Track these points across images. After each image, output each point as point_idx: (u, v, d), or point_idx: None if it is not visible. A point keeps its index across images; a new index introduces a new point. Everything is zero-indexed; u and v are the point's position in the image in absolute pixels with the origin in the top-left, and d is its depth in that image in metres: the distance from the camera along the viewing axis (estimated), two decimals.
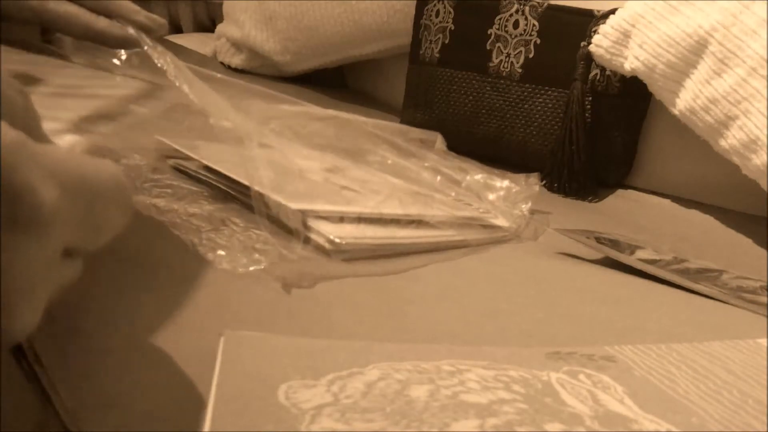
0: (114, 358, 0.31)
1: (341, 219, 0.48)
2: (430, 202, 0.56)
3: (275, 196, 0.45)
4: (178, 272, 0.40)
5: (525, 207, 0.60)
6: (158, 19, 0.48)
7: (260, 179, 0.44)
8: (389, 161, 0.62)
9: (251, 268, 0.41)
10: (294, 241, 0.44)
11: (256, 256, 0.42)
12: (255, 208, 0.44)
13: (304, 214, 0.46)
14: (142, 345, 0.32)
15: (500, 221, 0.57)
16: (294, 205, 0.45)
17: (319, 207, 0.48)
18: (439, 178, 0.63)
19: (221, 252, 0.42)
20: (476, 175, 0.64)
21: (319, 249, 0.45)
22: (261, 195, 0.44)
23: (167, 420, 0.27)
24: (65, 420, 0.26)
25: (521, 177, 0.65)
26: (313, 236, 0.45)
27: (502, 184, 0.63)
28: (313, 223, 0.46)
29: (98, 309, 0.35)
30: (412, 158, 0.65)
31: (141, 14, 0.47)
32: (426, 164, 0.65)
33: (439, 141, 0.75)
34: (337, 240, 0.45)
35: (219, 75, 0.49)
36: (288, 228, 0.45)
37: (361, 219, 0.49)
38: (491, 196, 0.60)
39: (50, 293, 0.23)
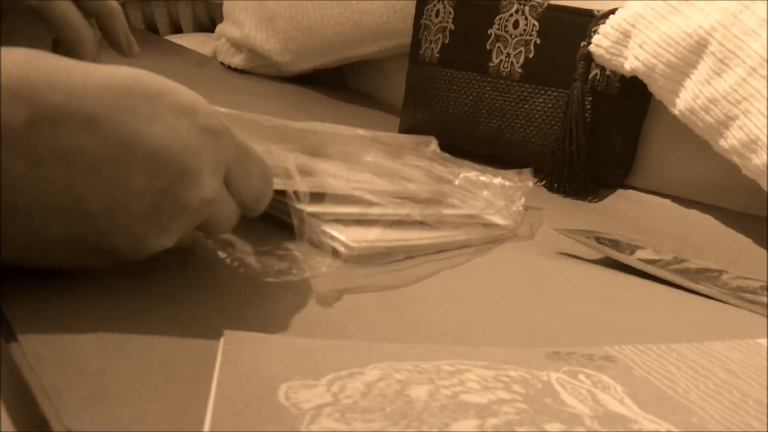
0: (113, 358, 0.31)
1: (355, 222, 0.48)
2: (437, 203, 0.56)
3: (310, 208, 0.45)
4: (178, 273, 0.40)
5: (519, 203, 0.60)
6: (135, 48, 0.50)
7: (301, 196, 0.45)
8: (381, 163, 0.62)
9: (282, 279, 0.41)
10: (321, 254, 0.45)
11: (284, 266, 0.42)
12: (296, 227, 0.44)
13: (318, 216, 0.46)
14: (142, 345, 0.32)
15: (498, 219, 0.57)
16: (309, 209, 0.45)
17: (335, 210, 0.48)
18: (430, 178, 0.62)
19: (249, 258, 0.42)
20: (469, 172, 0.63)
21: (334, 253, 0.45)
22: (300, 212, 0.45)
23: (167, 420, 0.27)
24: (65, 420, 0.26)
25: (514, 173, 0.65)
26: (327, 241, 0.45)
27: (495, 180, 0.63)
28: (329, 228, 0.46)
29: (98, 309, 0.34)
30: (404, 159, 0.65)
31: (124, 34, 0.49)
32: (417, 164, 0.65)
33: (433, 144, 0.74)
34: (353, 245, 0.45)
35: None
36: (313, 239, 0.45)
37: (373, 222, 0.49)
38: (485, 193, 0.59)
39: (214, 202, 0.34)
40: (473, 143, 0.87)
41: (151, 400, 0.28)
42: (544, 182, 0.80)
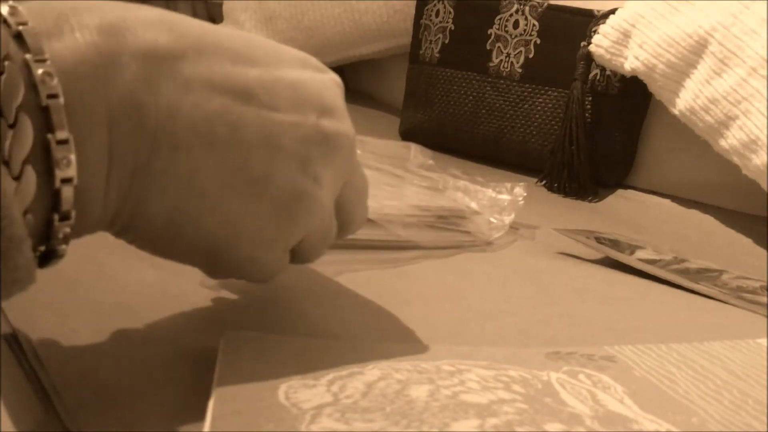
0: (113, 358, 0.31)
1: None
2: (398, 194, 0.54)
3: None
4: (178, 272, 0.40)
5: (507, 218, 0.57)
6: None
7: None
8: (372, 168, 0.60)
9: None
10: None
11: None
12: None
13: None
14: (142, 345, 0.32)
15: (471, 226, 0.55)
16: None
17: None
18: (424, 184, 0.61)
19: None
20: (458, 182, 0.61)
21: None
22: None
23: (167, 420, 0.27)
24: (65, 420, 0.26)
25: (505, 186, 0.62)
26: None
27: (485, 192, 0.61)
28: None
29: (98, 309, 0.35)
30: (393, 164, 0.64)
31: None
32: (408, 171, 0.64)
33: (413, 149, 0.72)
34: None
35: None
36: None
37: None
38: (473, 204, 0.58)
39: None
40: (473, 143, 0.87)
41: (151, 400, 0.28)
42: (544, 182, 0.80)
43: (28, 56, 0.23)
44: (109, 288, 0.37)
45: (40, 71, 0.23)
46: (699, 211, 0.75)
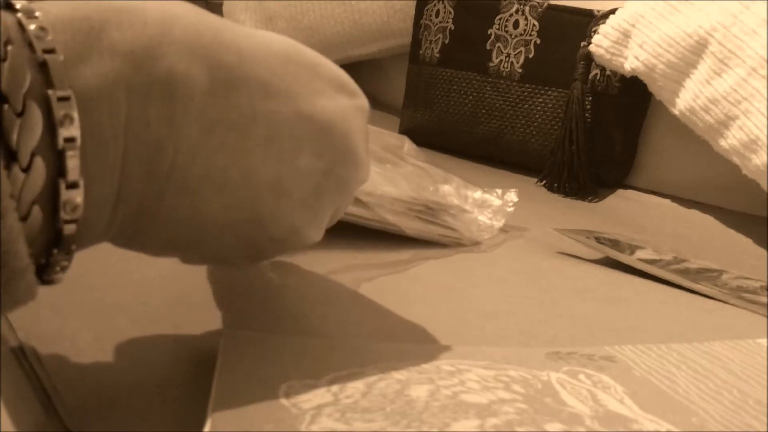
0: (113, 359, 0.31)
1: None
2: (392, 182, 0.54)
3: None
4: (178, 272, 0.40)
5: (497, 223, 0.57)
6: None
7: None
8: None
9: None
10: None
11: None
12: None
13: None
14: (142, 345, 0.32)
15: (458, 224, 0.55)
16: None
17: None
18: (416, 178, 0.60)
19: None
20: (451, 180, 0.61)
21: None
22: None
23: (167, 420, 0.27)
24: (65, 420, 0.26)
25: (496, 191, 0.61)
26: None
27: (476, 193, 0.60)
28: None
29: (98, 309, 0.35)
30: (387, 164, 0.63)
31: None
32: (403, 160, 0.63)
33: (408, 146, 0.71)
34: None
35: None
36: None
37: None
38: (465, 207, 0.57)
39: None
40: (473, 143, 0.87)
41: (151, 400, 0.28)
42: (544, 182, 0.80)
43: (50, 92, 0.22)
44: (109, 288, 0.37)
45: (61, 113, 0.22)
46: (699, 211, 0.75)
